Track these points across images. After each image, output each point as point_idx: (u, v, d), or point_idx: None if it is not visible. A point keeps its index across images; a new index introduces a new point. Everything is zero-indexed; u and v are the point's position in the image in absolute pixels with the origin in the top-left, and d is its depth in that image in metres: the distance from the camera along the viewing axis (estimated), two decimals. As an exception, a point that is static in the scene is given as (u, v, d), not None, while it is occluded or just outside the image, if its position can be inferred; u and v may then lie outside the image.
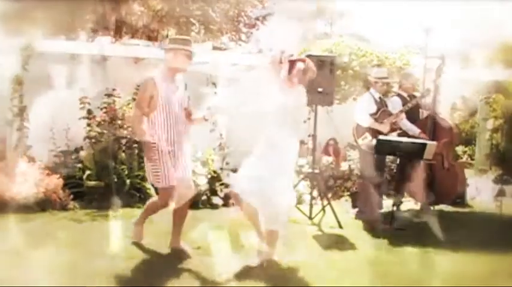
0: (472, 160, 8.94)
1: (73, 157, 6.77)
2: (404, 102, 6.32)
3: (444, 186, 6.34)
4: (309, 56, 5.29)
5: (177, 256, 4.60)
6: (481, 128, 8.68)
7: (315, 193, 6.21)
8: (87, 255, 4.47)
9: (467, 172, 7.16)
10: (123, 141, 6.69)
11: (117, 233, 5.11)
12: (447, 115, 7.45)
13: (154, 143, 4.46)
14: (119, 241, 4.90)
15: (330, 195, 6.55)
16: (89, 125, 6.67)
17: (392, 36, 7.51)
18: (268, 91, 4.55)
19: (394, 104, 6.30)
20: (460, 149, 8.96)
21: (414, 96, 6.44)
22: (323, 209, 6.00)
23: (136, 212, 5.31)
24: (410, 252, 5.07)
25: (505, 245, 5.15)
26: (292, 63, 4.54)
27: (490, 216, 6.54)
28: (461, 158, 8.70)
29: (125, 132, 6.68)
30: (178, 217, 4.72)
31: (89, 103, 6.70)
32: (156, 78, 4.49)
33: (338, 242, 5.23)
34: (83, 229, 5.39)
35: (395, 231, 5.54)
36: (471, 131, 9.20)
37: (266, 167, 4.42)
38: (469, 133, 9.21)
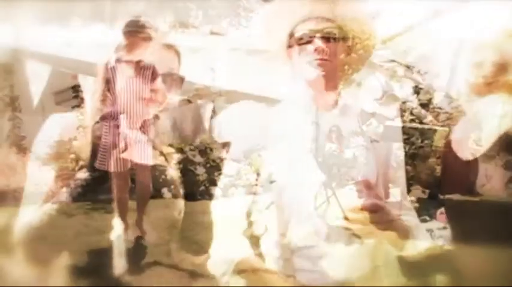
0: (478, 145, 8.81)
1: (66, 147, 6.61)
2: (417, 85, 6.15)
3: (456, 175, 6.15)
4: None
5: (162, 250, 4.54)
6: (486, 113, 8.52)
7: (318, 182, 6.05)
8: (75, 250, 4.42)
9: (474, 158, 7.04)
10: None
11: (109, 226, 4.94)
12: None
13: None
14: (111, 235, 4.77)
15: (334, 184, 6.41)
16: (82, 113, 6.51)
17: (399, 18, 7.37)
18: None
19: (405, 88, 6.13)
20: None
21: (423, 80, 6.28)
22: (327, 199, 5.83)
23: (130, 203, 5.12)
24: (419, 245, 4.88)
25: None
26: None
27: (502, 204, 6.38)
28: (467, 144, 8.61)
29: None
30: (139, 191, 4.73)
31: (81, 91, 6.52)
32: (110, 62, 4.46)
33: (343, 234, 5.04)
34: (73, 222, 5.22)
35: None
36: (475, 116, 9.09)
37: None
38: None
